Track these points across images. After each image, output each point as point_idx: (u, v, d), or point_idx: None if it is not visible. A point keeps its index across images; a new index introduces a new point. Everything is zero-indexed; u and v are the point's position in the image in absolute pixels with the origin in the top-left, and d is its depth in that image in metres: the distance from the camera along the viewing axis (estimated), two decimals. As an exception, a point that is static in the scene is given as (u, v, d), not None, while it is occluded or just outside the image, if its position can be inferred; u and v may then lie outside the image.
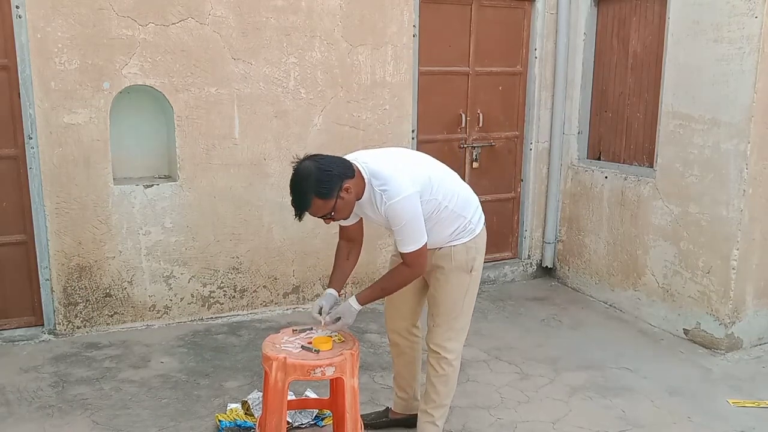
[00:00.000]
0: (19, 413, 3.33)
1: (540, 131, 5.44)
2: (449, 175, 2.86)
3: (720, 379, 3.86)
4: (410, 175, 2.62)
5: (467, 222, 2.81)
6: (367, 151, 2.79)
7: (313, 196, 2.48)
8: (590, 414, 3.44)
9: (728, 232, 4.08)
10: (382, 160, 2.67)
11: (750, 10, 3.85)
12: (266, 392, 2.69)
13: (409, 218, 2.57)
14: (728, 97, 4.01)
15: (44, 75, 3.94)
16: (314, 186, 2.47)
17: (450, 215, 2.75)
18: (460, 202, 2.78)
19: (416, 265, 2.67)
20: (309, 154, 2.59)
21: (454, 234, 2.79)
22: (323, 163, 2.52)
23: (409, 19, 4.79)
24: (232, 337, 4.30)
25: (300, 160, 2.56)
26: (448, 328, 2.88)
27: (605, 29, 5.08)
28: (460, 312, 2.88)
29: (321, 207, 2.52)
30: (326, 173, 2.49)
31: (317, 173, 2.48)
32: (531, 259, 5.66)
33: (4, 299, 4.15)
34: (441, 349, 2.88)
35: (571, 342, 4.36)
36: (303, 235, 4.70)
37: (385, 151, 2.85)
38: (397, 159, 2.72)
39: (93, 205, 4.17)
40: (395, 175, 2.58)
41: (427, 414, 2.98)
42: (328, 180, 2.49)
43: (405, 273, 2.70)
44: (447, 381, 2.93)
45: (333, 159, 2.58)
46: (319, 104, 4.61)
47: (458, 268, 2.81)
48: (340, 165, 2.55)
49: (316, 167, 2.49)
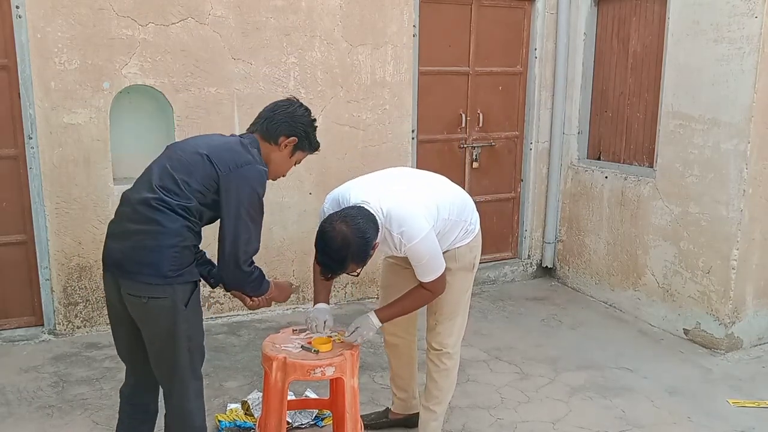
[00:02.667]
0: (19, 413, 3.33)
1: (540, 131, 5.44)
2: (445, 187, 2.89)
3: (720, 379, 3.86)
4: (420, 210, 2.63)
5: (467, 224, 2.86)
6: (368, 186, 2.72)
7: (351, 263, 2.50)
8: (590, 414, 3.44)
9: (728, 232, 4.08)
10: (389, 197, 2.63)
11: (750, 10, 3.85)
12: (266, 392, 2.69)
13: (429, 255, 2.62)
14: (728, 97, 4.01)
15: (44, 75, 3.94)
16: (355, 254, 2.46)
17: (454, 224, 2.80)
18: (458, 209, 2.82)
19: (436, 290, 2.74)
20: (337, 215, 2.50)
21: (458, 237, 2.83)
22: (358, 228, 2.45)
23: (409, 18, 4.79)
24: (232, 337, 4.30)
25: (329, 221, 2.49)
26: (450, 326, 2.92)
27: (605, 29, 5.08)
28: (461, 309, 2.94)
29: (354, 269, 2.55)
30: (365, 240, 2.46)
31: (357, 242, 2.44)
32: (531, 259, 5.66)
33: (4, 299, 4.15)
34: (443, 346, 2.93)
35: (571, 342, 4.36)
36: (303, 235, 4.70)
37: (383, 180, 2.80)
38: (401, 192, 2.70)
39: (93, 205, 4.17)
40: (408, 216, 2.58)
41: (429, 410, 3.01)
42: (365, 247, 2.48)
43: (426, 296, 2.76)
44: (448, 375, 2.97)
45: (364, 220, 2.49)
46: (319, 104, 4.61)
47: (463, 268, 2.87)
48: (371, 226, 2.49)
49: (354, 235, 2.44)
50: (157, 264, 2.24)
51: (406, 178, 2.88)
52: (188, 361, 2.37)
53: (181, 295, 2.29)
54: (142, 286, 2.25)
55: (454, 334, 2.94)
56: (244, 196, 2.31)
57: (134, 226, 2.30)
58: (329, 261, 2.49)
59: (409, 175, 2.95)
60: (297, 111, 2.51)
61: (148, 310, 2.28)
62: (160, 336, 2.32)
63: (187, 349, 2.35)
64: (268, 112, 2.52)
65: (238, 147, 2.39)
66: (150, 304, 2.27)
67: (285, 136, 2.47)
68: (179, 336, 2.31)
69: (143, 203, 2.29)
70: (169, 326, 2.30)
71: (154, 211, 2.26)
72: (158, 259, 2.24)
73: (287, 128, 2.47)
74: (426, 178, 2.92)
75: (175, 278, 2.27)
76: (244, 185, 2.32)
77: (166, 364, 2.37)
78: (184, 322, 2.32)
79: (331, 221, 2.48)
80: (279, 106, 2.52)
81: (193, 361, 2.39)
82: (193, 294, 2.34)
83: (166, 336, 2.31)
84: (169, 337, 2.31)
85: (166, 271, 2.25)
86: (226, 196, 2.31)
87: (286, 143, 2.48)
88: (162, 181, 2.31)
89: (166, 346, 2.33)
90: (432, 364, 2.97)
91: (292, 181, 4.50)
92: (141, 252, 2.26)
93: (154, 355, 2.37)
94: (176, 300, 2.28)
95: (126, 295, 2.30)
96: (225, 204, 2.31)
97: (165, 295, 2.26)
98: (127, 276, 2.28)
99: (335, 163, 4.69)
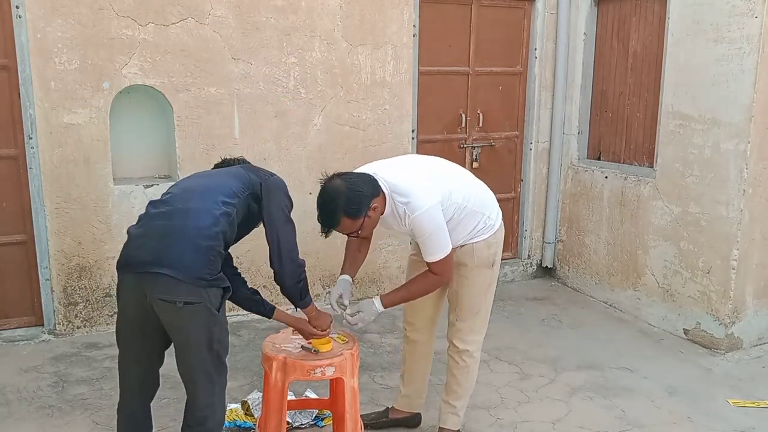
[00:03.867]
0: (19, 413, 3.33)
1: (540, 131, 5.44)
2: (464, 175, 2.91)
3: (720, 379, 3.86)
4: (429, 185, 2.65)
5: (486, 218, 2.86)
6: (383, 164, 2.80)
7: (343, 215, 2.52)
8: (590, 414, 3.44)
9: (728, 232, 4.08)
10: (400, 172, 2.68)
11: (750, 10, 3.85)
12: (266, 392, 2.69)
13: (432, 229, 2.62)
14: (728, 97, 4.01)
15: (44, 75, 3.94)
16: (344, 206, 2.50)
17: (469, 214, 2.79)
18: (478, 201, 2.83)
19: (443, 273, 2.72)
20: (337, 173, 2.61)
21: (475, 231, 2.83)
22: (352, 182, 2.54)
23: (409, 18, 4.79)
24: (232, 337, 4.22)
25: (328, 178, 2.59)
26: (471, 324, 2.93)
27: (605, 29, 5.08)
28: (482, 307, 2.95)
29: (349, 226, 2.57)
30: (356, 193, 2.52)
31: (347, 193, 2.51)
32: (531, 259, 5.66)
33: (4, 299, 4.15)
34: (463, 343, 2.94)
35: (571, 342, 4.36)
36: (303, 235, 4.65)
37: (399, 161, 2.87)
38: (413, 169, 2.75)
39: (93, 205, 4.17)
40: (415, 188, 2.61)
41: (449, 405, 3.03)
42: (357, 200, 2.52)
43: (432, 280, 2.75)
44: (468, 372, 2.99)
45: (361, 177, 2.60)
46: (319, 104, 4.61)
47: (481, 264, 2.87)
48: (368, 184, 2.57)
49: (345, 187, 2.52)
50: (195, 266, 2.26)
51: (421, 161, 2.92)
52: (217, 361, 2.40)
53: (214, 300, 2.31)
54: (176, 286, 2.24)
55: (475, 331, 2.95)
56: (283, 201, 2.49)
57: (172, 223, 2.33)
58: (322, 213, 2.56)
59: (425, 160, 2.97)
60: None
61: (183, 315, 2.28)
62: (195, 341, 2.33)
63: (217, 351, 2.38)
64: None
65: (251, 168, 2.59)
66: (185, 309, 2.26)
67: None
68: (213, 340, 2.34)
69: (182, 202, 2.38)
70: (206, 332, 2.32)
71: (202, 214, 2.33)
72: (197, 260, 2.27)
73: None
74: (443, 164, 2.92)
75: (211, 282, 2.29)
76: (279, 192, 2.50)
77: (196, 366, 2.37)
78: (217, 325, 2.35)
79: (329, 178, 2.58)
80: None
81: (221, 360, 2.42)
82: (223, 299, 2.37)
83: (204, 341, 2.32)
84: (204, 341, 2.33)
85: (204, 273, 2.27)
86: (268, 201, 2.45)
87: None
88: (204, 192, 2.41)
89: (198, 350, 2.34)
90: (452, 361, 2.99)
91: (292, 181, 4.48)
92: (178, 251, 2.27)
93: (187, 358, 2.36)
94: (210, 305, 2.30)
95: (156, 300, 2.28)
96: (269, 208, 2.46)
97: (200, 299, 2.27)
98: (156, 276, 2.25)
99: (335, 163, 4.68)
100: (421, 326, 3.09)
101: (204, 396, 2.41)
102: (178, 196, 2.44)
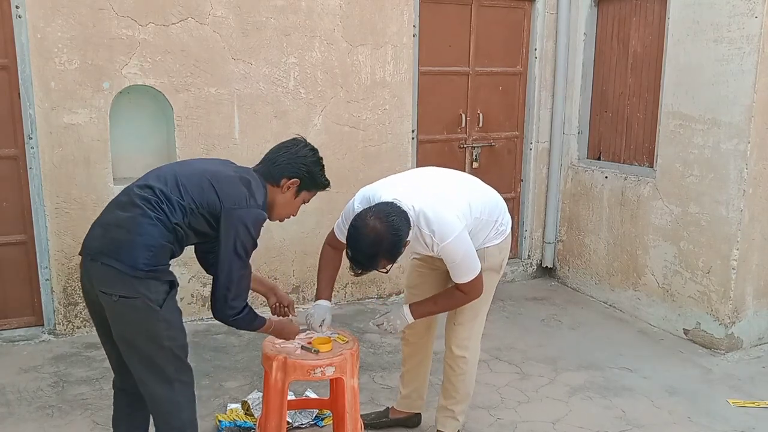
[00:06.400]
0: (19, 413, 3.33)
1: (540, 131, 5.44)
2: (477, 186, 2.89)
3: (720, 379, 3.86)
4: (453, 208, 2.62)
5: (498, 224, 2.86)
6: (402, 184, 2.72)
7: (383, 259, 2.48)
8: (590, 414, 3.44)
9: (728, 232, 4.08)
10: (423, 196, 2.62)
11: (750, 10, 3.85)
12: (266, 392, 2.69)
13: (462, 255, 2.61)
14: (728, 97, 4.01)
15: (44, 75, 3.94)
16: (386, 251, 2.45)
17: (485, 223, 2.80)
18: (490, 209, 2.83)
19: (470, 292, 2.72)
20: (373, 210, 2.48)
21: (488, 237, 2.83)
22: (391, 224, 2.44)
23: (409, 19, 4.79)
24: (232, 337, 4.30)
25: (364, 217, 2.46)
26: (469, 327, 2.93)
27: (605, 29, 5.08)
28: (482, 310, 2.95)
29: (384, 266, 2.53)
30: (397, 237, 2.45)
31: (390, 238, 2.43)
32: (531, 259, 5.66)
33: (4, 299, 4.15)
34: (461, 349, 2.93)
35: (571, 342, 4.36)
36: (303, 235, 4.70)
37: (417, 179, 2.81)
38: (434, 190, 2.70)
39: (93, 205, 4.16)
40: (441, 216, 2.57)
41: (447, 409, 3.03)
42: (399, 244, 2.46)
43: (461, 298, 2.77)
44: (465, 378, 2.98)
45: (397, 215, 2.47)
46: (319, 104, 4.61)
47: (490, 268, 2.85)
48: (404, 223, 2.48)
49: (386, 231, 2.42)
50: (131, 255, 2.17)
51: (437, 178, 2.86)
52: (175, 360, 2.31)
53: (154, 294, 2.21)
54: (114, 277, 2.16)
55: (473, 335, 2.95)
56: (243, 235, 2.29)
57: (123, 214, 2.25)
58: (360, 257, 2.46)
59: (440, 175, 2.92)
60: (300, 152, 2.48)
61: (118, 309, 2.20)
62: (131, 338, 2.25)
63: (170, 348, 2.28)
64: (272, 153, 2.51)
65: (243, 186, 2.35)
66: (120, 303, 2.18)
67: (287, 178, 2.45)
68: (161, 337, 2.24)
69: (140, 197, 2.27)
70: (145, 329, 2.22)
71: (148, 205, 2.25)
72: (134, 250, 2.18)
73: (289, 170, 2.45)
74: (457, 178, 2.91)
75: (148, 273, 2.18)
76: (242, 225, 2.29)
77: (146, 365, 2.29)
78: (162, 321, 2.23)
79: (364, 217, 2.46)
80: (282, 148, 2.51)
81: (181, 359, 2.33)
82: (169, 295, 2.27)
83: (144, 339, 2.23)
84: (149, 340, 2.24)
85: (139, 264, 2.17)
86: (226, 231, 2.29)
87: (289, 185, 2.46)
88: (166, 183, 2.30)
89: (145, 348, 2.25)
90: (449, 368, 2.98)
91: (292, 181, 4.50)
92: (119, 241, 2.20)
93: (130, 356, 2.29)
94: (148, 300, 2.19)
95: (99, 293, 2.23)
96: (224, 239, 2.29)
97: (136, 294, 2.18)
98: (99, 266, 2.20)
99: (335, 163, 4.68)
100: (420, 328, 3.08)
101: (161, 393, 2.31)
102: (140, 182, 2.38)
